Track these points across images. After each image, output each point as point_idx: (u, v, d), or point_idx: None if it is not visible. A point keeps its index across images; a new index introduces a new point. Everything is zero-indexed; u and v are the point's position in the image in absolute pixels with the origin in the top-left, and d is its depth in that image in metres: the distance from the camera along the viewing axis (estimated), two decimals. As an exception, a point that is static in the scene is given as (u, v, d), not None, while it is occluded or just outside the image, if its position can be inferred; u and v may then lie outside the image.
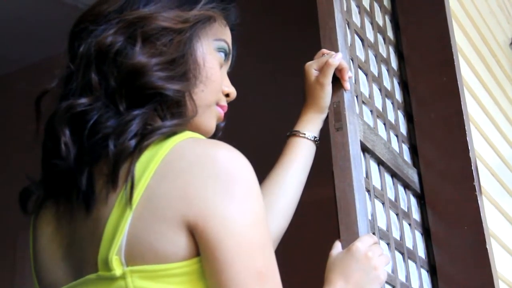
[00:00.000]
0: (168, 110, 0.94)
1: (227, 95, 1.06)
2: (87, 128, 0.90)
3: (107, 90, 0.92)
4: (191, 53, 0.97)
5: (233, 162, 0.86)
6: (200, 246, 0.84)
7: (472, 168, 1.60)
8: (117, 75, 0.92)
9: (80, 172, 0.89)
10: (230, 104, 1.08)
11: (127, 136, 0.88)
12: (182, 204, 0.83)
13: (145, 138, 0.88)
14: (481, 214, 1.56)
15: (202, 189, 0.83)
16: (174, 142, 0.87)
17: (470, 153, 1.62)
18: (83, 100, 0.91)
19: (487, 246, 1.53)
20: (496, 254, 1.67)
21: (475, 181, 1.59)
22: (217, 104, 1.04)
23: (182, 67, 0.95)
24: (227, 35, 1.06)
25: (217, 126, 1.07)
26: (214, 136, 1.06)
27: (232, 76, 1.10)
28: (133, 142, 0.88)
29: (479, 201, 1.57)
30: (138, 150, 0.88)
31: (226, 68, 1.07)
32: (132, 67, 0.92)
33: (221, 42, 1.03)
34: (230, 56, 1.07)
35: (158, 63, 0.93)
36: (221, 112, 1.05)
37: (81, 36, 0.96)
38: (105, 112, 0.91)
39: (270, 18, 2.69)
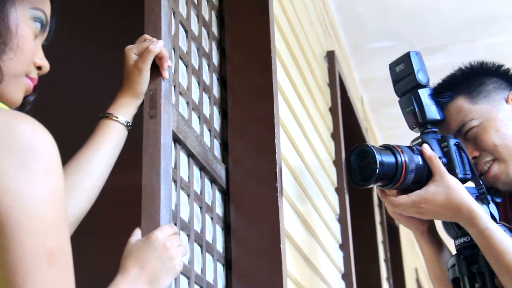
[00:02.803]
0: (-29, 74, 0.88)
1: (39, 68, 1.01)
2: None
3: None
4: (3, 18, 0.91)
5: (33, 136, 0.82)
6: (-11, 221, 0.79)
7: (277, 169, 1.67)
8: None
9: None
10: (42, 78, 1.04)
11: None
12: (-26, 176, 0.78)
13: None
14: (279, 215, 1.63)
15: None
16: (-27, 109, 0.82)
17: (276, 155, 1.68)
18: None
19: (281, 246, 1.60)
20: (289, 253, 1.75)
21: (278, 182, 1.66)
22: (27, 76, 0.99)
23: (-8, 31, 0.89)
24: (45, 5, 1.01)
25: (26, 99, 1.01)
26: (22, 109, 1.01)
27: (48, 50, 1.06)
28: None
29: (279, 202, 1.64)
30: None
31: (41, 40, 1.02)
32: None
33: (38, 11, 0.98)
34: (47, 28, 1.02)
35: (-36, 24, 0.86)
36: (30, 84, 1.00)
37: None
38: None
39: (97, -3, 2.62)
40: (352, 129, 3.25)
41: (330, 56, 2.84)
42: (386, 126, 4.34)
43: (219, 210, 1.64)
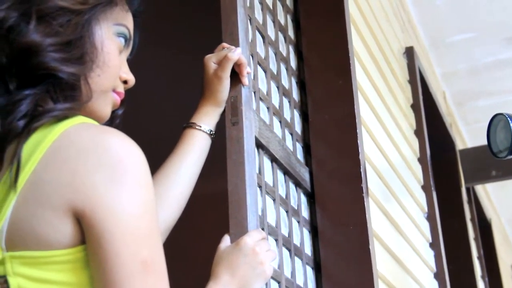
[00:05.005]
0: (61, 92, 0.91)
1: (125, 82, 1.04)
2: None
3: (-3, 67, 0.88)
4: (89, 36, 0.94)
5: (124, 150, 0.84)
6: (86, 234, 0.82)
7: (361, 170, 1.65)
8: (9, 52, 0.89)
9: (-38, 151, 0.85)
10: (128, 91, 1.06)
11: (15, 116, 0.85)
12: (69, 191, 0.81)
13: (34, 119, 0.85)
14: (366, 215, 1.62)
15: (90, 176, 0.82)
16: (65, 126, 0.85)
17: (360, 156, 1.67)
18: (-30, 77, 0.87)
19: (370, 246, 1.58)
20: (378, 254, 1.73)
21: (362, 182, 1.64)
22: (114, 91, 1.01)
23: (79, 50, 0.92)
24: (128, 20, 1.04)
25: (115, 113, 1.04)
26: (111, 123, 1.04)
27: (133, 63, 1.09)
28: (21, 123, 0.85)
29: (365, 202, 1.63)
30: (27, 131, 0.85)
31: (126, 54, 1.05)
32: (25, 46, 0.88)
33: (121, 27, 1.01)
34: (131, 42, 1.05)
35: (53, 44, 0.90)
36: (117, 99, 1.02)
37: None
38: (-7, 90, 0.87)
39: (175, 9, 2.67)
40: (436, 125, 3.18)
41: (409, 52, 2.79)
42: (470, 119, 4.22)
43: (305, 213, 1.64)
